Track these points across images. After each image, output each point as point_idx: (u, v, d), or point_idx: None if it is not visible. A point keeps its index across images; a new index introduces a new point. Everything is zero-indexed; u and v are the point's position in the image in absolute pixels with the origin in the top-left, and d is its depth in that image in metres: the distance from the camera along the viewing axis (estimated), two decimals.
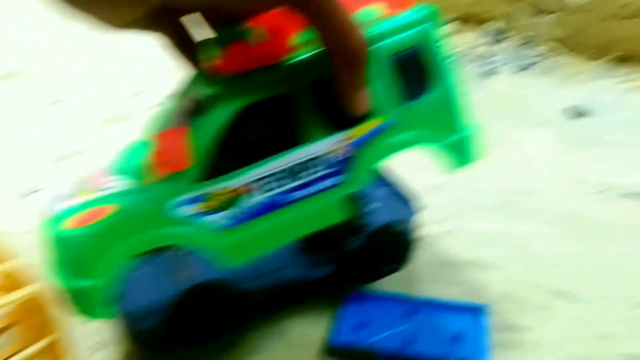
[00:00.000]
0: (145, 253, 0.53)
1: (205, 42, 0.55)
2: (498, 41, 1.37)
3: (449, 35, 1.40)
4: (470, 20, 1.42)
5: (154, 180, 0.53)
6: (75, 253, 0.52)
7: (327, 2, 0.49)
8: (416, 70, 0.58)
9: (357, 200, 0.61)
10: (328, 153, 0.57)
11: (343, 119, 0.56)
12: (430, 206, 0.79)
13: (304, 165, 0.56)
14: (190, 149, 0.52)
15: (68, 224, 0.52)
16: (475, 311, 0.70)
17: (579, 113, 1.12)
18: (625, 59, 1.26)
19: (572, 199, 0.90)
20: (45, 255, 0.56)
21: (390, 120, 0.58)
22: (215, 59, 0.54)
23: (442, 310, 0.70)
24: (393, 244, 0.72)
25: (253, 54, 0.53)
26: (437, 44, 0.58)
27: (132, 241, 0.52)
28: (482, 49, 1.35)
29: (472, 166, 0.64)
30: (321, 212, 0.58)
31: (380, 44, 0.56)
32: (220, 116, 0.53)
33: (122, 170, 0.57)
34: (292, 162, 0.55)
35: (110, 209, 0.52)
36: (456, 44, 1.37)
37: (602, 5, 1.25)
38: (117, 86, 1.28)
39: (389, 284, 0.76)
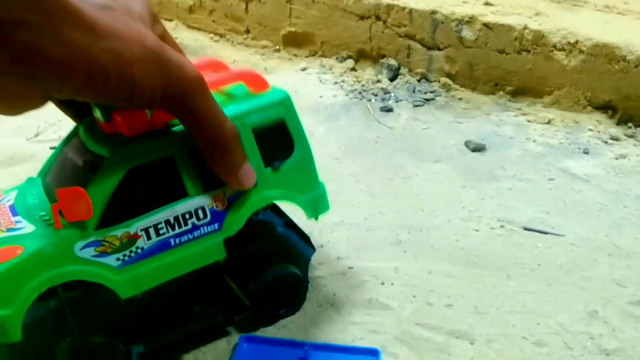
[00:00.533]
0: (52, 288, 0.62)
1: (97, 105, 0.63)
2: (394, 77, 1.37)
3: (346, 71, 1.40)
4: (366, 56, 1.43)
5: (59, 227, 0.62)
6: None
7: (201, 105, 0.55)
8: (278, 140, 0.70)
9: (232, 241, 0.70)
10: (208, 205, 0.67)
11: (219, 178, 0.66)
12: (325, 245, 0.76)
13: (187, 215, 0.67)
14: (90, 207, 0.61)
15: None
16: (369, 355, 0.68)
17: (475, 147, 1.12)
18: (518, 93, 1.29)
19: (469, 234, 0.89)
20: None
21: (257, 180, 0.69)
22: (107, 120, 0.63)
23: (336, 355, 0.68)
24: (290, 287, 0.75)
25: (143, 119, 0.63)
26: (296, 119, 0.71)
27: (41, 277, 0.61)
28: (379, 86, 1.35)
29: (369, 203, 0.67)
30: (202, 252, 0.69)
31: (249, 118, 0.67)
32: (114, 176, 0.63)
33: (26, 211, 0.67)
34: (177, 213, 0.66)
35: (20, 249, 0.62)
36: (353, 81, 1.37)
37: (492, 40, 1.28)
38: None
39: (284, 327, 0.72)
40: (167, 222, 0.66)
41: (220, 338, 0.72)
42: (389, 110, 1.26)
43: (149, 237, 0.65)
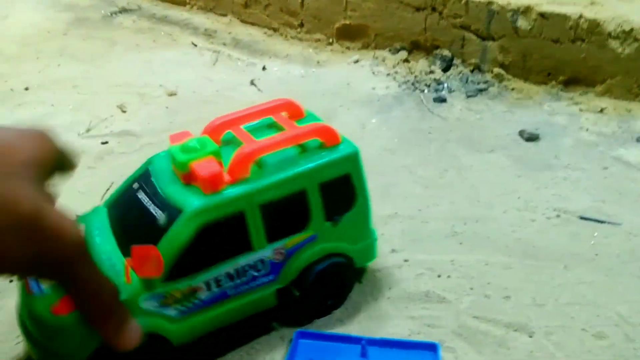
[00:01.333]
0: None
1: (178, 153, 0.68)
2: (447, 68, 1.37)
3: (399, 63, 1.41)
4: (419, 48, 1.43)
5: (129, 281, 0.65)
6: (61, 335, 0.63)
7: (81, 272, 0.49)
8: (341, 193, 0.73)
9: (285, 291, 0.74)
10: (268, 257, 0.71)
11: (282, 231, 0.70)
12: (379, 238, 0.78)
13: (247, 267, 0.70)
14: (161, 264, 0.64)
15: (55, 309, 0.63)
16: (428, 349, 0.68)
17: (529, 137, 1.12)
18: (571, 82, 1.28)
19: (525, 225, 0.90)
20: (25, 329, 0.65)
21: (315, 234, 0.72)
22: (185, 170, 0.67)
23: (394, 350, 0.69)
24: (337, 275, 0.77)
25: (221, 176, 0.66)
26: (360, 173, 0.74)
27: None
28: (432, 77, 1.35)
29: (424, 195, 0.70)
30: (255, 301, 0.72)
31: (318, 175, 0.71)
32: (187, 232, 0.65)
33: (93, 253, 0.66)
34: (239, 266, 0.69)
35: None
36: (406, 72, 1.38)
37: (546, 29, 1.26)
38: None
39: (339, 321, 0.74)
40: (227, 274, 0.69)
41: (273, 333, 0.74)
42: (442, 100, 1.26)
43: (209, 289, 0.68)
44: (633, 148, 1.08)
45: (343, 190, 0.74)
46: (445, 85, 1.32)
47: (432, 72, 1.36)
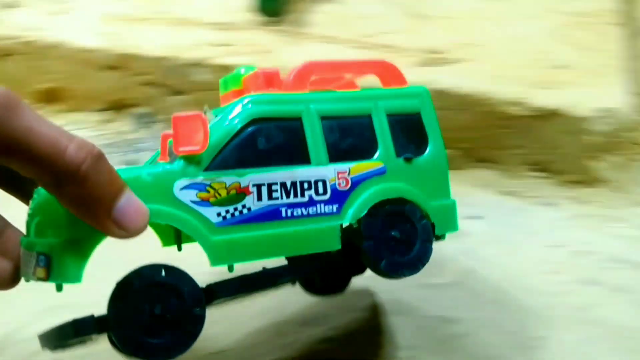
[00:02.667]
0: None
1: None
2: (146, 125, 1.37)
3: (99, 124, 1.38)
4: (117, 108, 1.40)
5: (168, 159, 0.61)
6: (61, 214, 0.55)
7: (17, 124, 0.40)
8: (411, 134, 0.68)
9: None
10: (330, 180, 0.63)
11: (346, 153, 0.64)
12: None
13: (306, 185, 0.62)
14: (206, 137, 0.56)
15: None
16: None
17: None
18: None
19: None
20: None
21: (385, 166, 0.66)
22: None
23: None
24: (406, 228, 0.67)
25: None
26: (433, 116, 0.69)
27: None
28: (129, 136, 1.34)
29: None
30: (314, 235, 0.62)
31: (384, 102, 0.67)
32: (241, 119, 0.60)
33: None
34: (296, 178, 0.61)
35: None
36: (103, 133, 1.34)
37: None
38: None
39: None
40: (282, 185, 0.60)
41: None
42: (136, 161, 1.24)
43: (259, 197, 0.59)
44: None
45: (413, 131, 0.68)
46: (143, 142, 1.32)
47: (129, 131, 1.36)
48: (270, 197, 0.59)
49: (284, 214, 0.60)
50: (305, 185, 0.61)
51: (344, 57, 0.78)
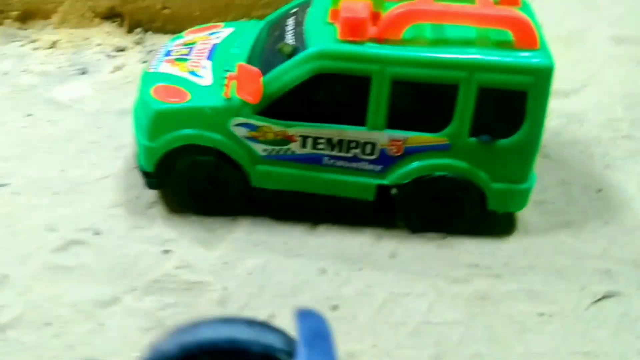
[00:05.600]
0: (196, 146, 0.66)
1: None
2: None
3: None
4: None
5: (227, 96, 0.64)
6: (149, 120, 0.66)
7: None
8: (507, 111, 0.61)
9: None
10: (382, 144, 0.63)
11: (408, 121, 0.62)
12: None
13: (353, 144, 0.64)
14: (260, 91, 0.61)
15: (154, 91, 0.67)
16: None
17: None
18: (27, 17, 1.08)
19: None
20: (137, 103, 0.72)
21: (449, 144, 0.63)
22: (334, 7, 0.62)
23: None
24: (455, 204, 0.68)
25: (362, 25, 0.60)
26: (543, 97, 0.61)
27: (192, 132, 0.65)
28: None
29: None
30: (349, 184, 0.66)
31: (481, 74, 0.59)
32: (300, 73, 0.61)
33: (219, 60, 0.69)
34: (344, 137, 0.63)
35: (188, 96, 0.66)
36: None
37: None
38: None
39: None
40: (328, 140, 0.64)
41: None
42: None
43: (304, 145, 0.65)
44: (73, 82, 0.97)
45: (510, 109, 0.62)
46: None
47: None
48: (314, 147, 0.65)
49: (324, 161, 0.66)
50: (353, 144, 0.64)
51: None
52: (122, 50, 1.03)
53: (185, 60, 0.72)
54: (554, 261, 0.70)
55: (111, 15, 1.07)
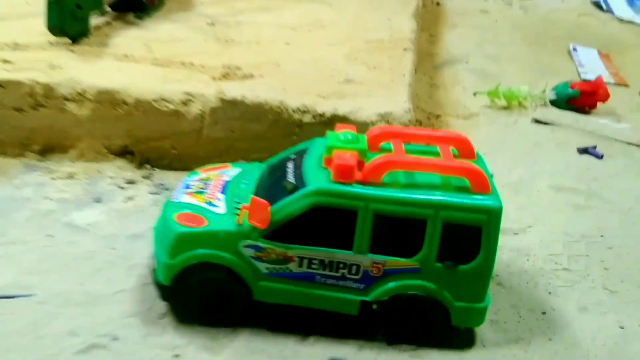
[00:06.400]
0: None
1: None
2: None
3: None
4: None
5: (240, 222, 0.77)
6: (171, 241, 0.79)
7: None
8: (464, 243, 0.75)
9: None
10: (365, 266, 0.76)
11: (387, 248, 0.75)
12: None
13: (342, 265, 0.76)
14: (268, 220, 0.74)
15: (177, 217, 0.80)
16: None
17: None
18: (47, 151, 1.21)
19: None
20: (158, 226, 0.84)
21: (419, 267, 0.75)
22: (327, 155, 0.76)
23: None
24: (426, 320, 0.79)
25: (351, 171, 0.74)
26: (494, 232, 0.74)
27: (206, 251, 0.78)
28: None
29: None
30: (337, 300, 0.78)
31: (445, 212, 0.73)
32: (300, 207, 0.75)
33: (231, 195, 0.83)
34: (334, 259, 0.76)
35: (205, 222, 0.79)
36: None
37: (7, 99, 1.17)
38: None
39: None
40: (321, 261, 0.76)
41: None
42: None
43: (300, 265, 0.76)
44: (88, 209, 1.08)
45: (468, 240, 0.75)
46: None
47: None
48: (309, 266, 0.77)
49: (317, 279, 0.78)
50: (341, 265, 0.77)
51: (416, 131, 0.85)
52: (132, 182, 1.14)
53: (203, 192, 0.83)
54: None
55: (123, 152, 1.19)
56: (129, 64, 1.26)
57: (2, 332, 0.81)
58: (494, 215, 0.74)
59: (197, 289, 0.79)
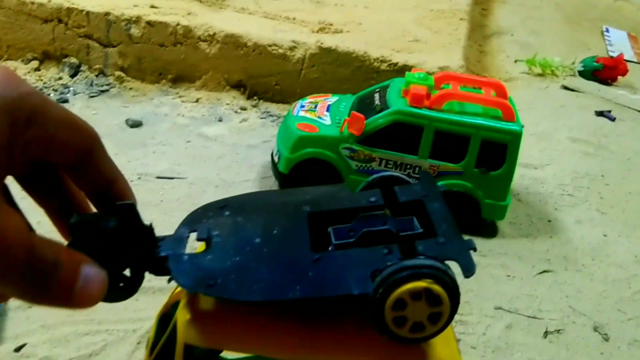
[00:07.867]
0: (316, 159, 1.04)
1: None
2: (75, 74, 1.47)
3: (30, 72, 1.47)
4: (50, 57, 1.49)
5: (342, 130, 1.02)
6: (293, 141, 1.05)
7: None
8: (495, 155, 0.98)
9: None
10: (424, 167, 1.00)
11: (441, 155, 1.00)
12: None
13: (408, 166, 1.00)
14: (362, 128, 0.99)
15: (298, 125, 1.06)
16: None
17: (132, 124, 1.32)
18: (178, 80, 1.47)
19: None
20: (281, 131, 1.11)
21: (462, 171, 1.00)
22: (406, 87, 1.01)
23: None
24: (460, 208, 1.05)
25: (423, 98, 0.99)
26: (516, 148, 0.98)
27: (315, 149, 1.04)
28: (60, 82, 1.45)
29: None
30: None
31: (484, 132, 0.97)
32: (384, 122, 0.99)
33: (333, 112, 1.08)
34: (403, 161, 1.01)
35: (317, 130, 1.05)
36: (36, 79, 1.45)
37: (154, 36, 1.42)
38: None
39: None
40: (395, 162, 1.01)
41: None
42: (64, 101, 1.39)
43: (380, 165, 1.01)
44: (214, 125, 1.35)
45: (497, 154, 0.98)
46: (71, 89, 1.43)
47: (60, 78, 1.46)
48: (385, 165, 1.02)
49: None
50: (408, 166, 1.02)
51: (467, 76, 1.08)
52: (244, 109, 1.43)
53: (314, 110, 1.10)
54: (518, 251, 1.07)
55: (237, 86, 1.47)
56: (245, 15, 1.54)
57: (170, 199, 1.11)
58: (516, 137, 0.98)
59: (307, 176, 1.06)
